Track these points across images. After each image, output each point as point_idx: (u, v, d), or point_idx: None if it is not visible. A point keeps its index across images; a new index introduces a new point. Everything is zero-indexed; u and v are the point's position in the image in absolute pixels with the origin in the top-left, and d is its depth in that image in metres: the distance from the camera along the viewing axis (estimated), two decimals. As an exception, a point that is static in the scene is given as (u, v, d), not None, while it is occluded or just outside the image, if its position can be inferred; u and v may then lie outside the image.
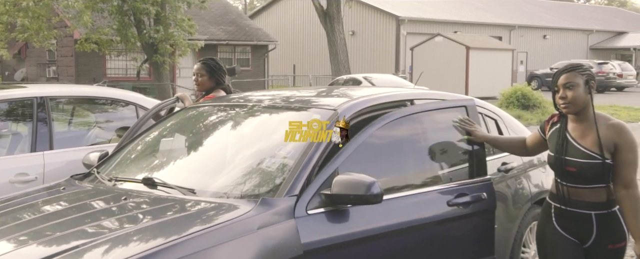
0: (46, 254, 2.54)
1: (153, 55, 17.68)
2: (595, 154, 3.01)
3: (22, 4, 15.76)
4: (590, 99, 3.06)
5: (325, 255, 2.88)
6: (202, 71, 5.00)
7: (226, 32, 27.80)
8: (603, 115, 3.09)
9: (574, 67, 3.09)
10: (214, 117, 4.01)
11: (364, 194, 2.81)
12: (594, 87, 3.08)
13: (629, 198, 3.01)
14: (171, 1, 17.47)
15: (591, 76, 3.09)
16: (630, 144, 3.02)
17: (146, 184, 3.22)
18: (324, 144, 3.10)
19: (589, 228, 3.11)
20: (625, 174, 3.01)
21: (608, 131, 3.02)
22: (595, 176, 3.04)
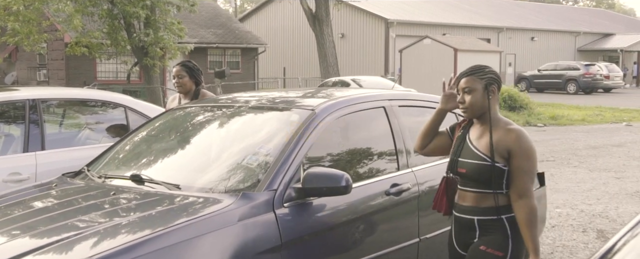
0: (37, 245, 2.71)
1: (143, 58, 17.82)
2: (486, 156, 2.87)
3: (13, 8, 15.90)
4: (488, 104, 2.93)
5: (302, 244, 3.10)
6: (182, 72, 5.14)
7: (216, 35, 27.96)
8: (505, 120, 2.98)
9: (474, 71, 2.98)
10: (200, 117, 4.20)
11: (336, 186, 3.02)
12: (496, 92, 2.96)
13: (523, 207, 2.84)
14: (161, 5, 17.62)
15: (493, 80, 2.96)
16: (526, 151, 2.87)
17: (134, 180, 3.40)
18: (301, 142, 3.30)
19: (473, 233, 2.96)
20: (519, 182, 2.85)
21: (504, 136, 2.87)
22: (484, 179, 2.88)
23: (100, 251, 2.58)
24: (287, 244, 3.01)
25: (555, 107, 22.53)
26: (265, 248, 2.93)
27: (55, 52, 24.04)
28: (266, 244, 2.94)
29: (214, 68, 25.41)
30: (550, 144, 13.73)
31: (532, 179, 2.88)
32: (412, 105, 4.22)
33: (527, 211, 2.83)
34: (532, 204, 2.85)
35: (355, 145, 3.83)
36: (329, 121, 3.54)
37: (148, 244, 2.64)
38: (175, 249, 2.66)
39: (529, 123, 18.30)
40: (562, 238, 6.30)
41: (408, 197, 3.73)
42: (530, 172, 2.87)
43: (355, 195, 3.34)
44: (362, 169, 3.74)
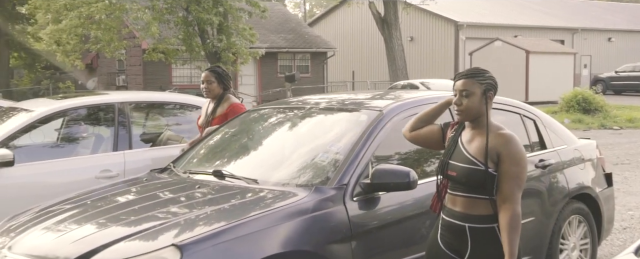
0: (129, 233, 3.05)
1: (216, 63, 18.42)
2: (477, 160, 2.81)
3: (95, 17, 16.74)
4: (485, 109, 2.87)
5: (370, 236, 3.32)
6: (211, 77, 5.19)
7: (286, 40, 28.49)
8: (496, 125, 2.91)
9: (474, 74, 2.91)
10: (274, 118, 4.49)
11: (402, 182, 3.22)
12: (492, 98, 2.91)
13: (507, 211, 2.77)
14: (233, 11, 18.19)
15: (491, 86, 2.90)
16: (515, 156, 2.80)
17: (216, 175, 3.72)
18: (369, 140, 3.53)
19: (464, 241, 2.88)
20: (506, 187, 2.78)
21: (495, 140, 2.81)
22: (476, 184, 2.82)
23: (186, 238, 2.89)
24: (356, 236, 3.24)
25: (633, 110, 21.85)
26: (336, 239, 3.18)
27: (133, 58, 25.08)
28: (337, 235, 3.18)
29: (284, 72, 25.92)
30: (625, 147, 13.44)
31: (519, 185, 2.81)
32: None
33: (509, 216, 2.76)
34: (516, 209, 2.78)
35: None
36: (396, 121, 3.75)
37: (230, 231, 2.93)
38: (254, 236, 2.94)
39: (604, 126, 17.88)
40: (633, 240, 6.27)
41: None
42: (518, 178, 2.80)
43: (421, 191, 3.53)
44: (428, 167, 3.92)
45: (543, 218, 4.37)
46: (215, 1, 17.69)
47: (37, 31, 20.25)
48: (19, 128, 5.27)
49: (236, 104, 5.13)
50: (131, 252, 2.86)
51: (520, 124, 4.55)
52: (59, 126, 5.91)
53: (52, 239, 3.16)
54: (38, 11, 18.74)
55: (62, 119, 5.83)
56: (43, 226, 3.35)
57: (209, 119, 5.13)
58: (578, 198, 4.72)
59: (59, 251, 3.01)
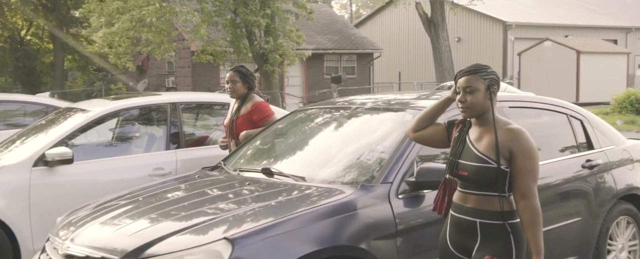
0: (182, 227, 3.19)
1: (263, 65, 18.64)
2: (489, 158, 2.77)
3: (146, 20, 17.12)
4: (490, 105, 2.83)
5: (415, 233, 3.39)
6: (235, 77, 5.19)
7: (332, 42, 28.60)
8: (504, 120, 2.88)
9: (476, 70, 2.86)
10: (321, 118, 4.59)
11: None
12: (496, 93, 2.86)
13: (527, 208, 2.74)
14: (280, 13, 18.38)
15: (494, 81, 2.86)
16: (527, 150, 2.77)
17: (264, 173, 3.84)
18: (414, 140, 3.59)
19: (474, 237, 2.84)
20: (522, 183, 2.75)
21: (504, 136, 2.77)
22: (488, 182, 2.78)
23: (237, 232, 3.01)
24: (401, 232, 3.31)
25: (688, 111, 21.22)
26: (381, 235, 3.25)
27: (182, 60, 25.54)
28: (382, 231, 3.26)
29: (330, 74, 26.04)
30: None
31: (534, 179, 2.78)
32: (524, 107, 4.38)
33: (530, 213, 2.74)
34: (535, 205, 2.75)
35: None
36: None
37: (278, 226, 3.04)
38: (301, 231, 3.04)
39: (658, 128, 17.43)
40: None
41: None
42: (532, 172, 2.76)
43: None
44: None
45: (589, 218, 4.36)
46: (262, 3, 17.91)
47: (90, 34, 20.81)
48: (76, 128, 5.50)
49: (260, 103, 5.16)
50: (184, 245, 2.99)
51: (567, 124, 4.55)
52: (114, 125, 6.14)
53: (110, 233, 3.33)
54: (91, 15, 19.26)
55: (116, 119, 6.05)
56: (101, 221, 3.51)
57: (233, 118, 5.16)
58: (627, 199, 4.68)
59: (117, 243, 3.16)
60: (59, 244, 3.39)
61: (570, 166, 4.38)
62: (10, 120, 8.73)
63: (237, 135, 5.07)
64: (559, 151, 4.48)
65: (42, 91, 28.91)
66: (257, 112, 5.09)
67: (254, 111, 5.10)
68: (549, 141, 4.46)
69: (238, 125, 5.09)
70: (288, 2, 18.87)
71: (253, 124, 5.07)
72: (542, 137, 4.44)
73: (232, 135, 5.13)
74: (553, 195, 4.22)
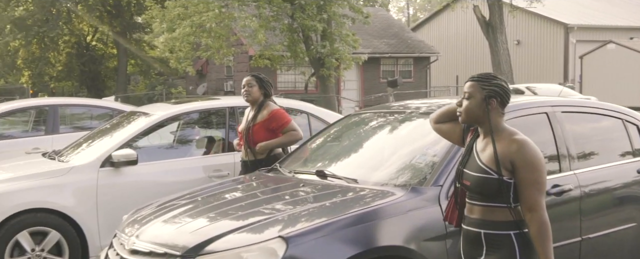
0: (239, 225, 3.35)
1: (320, 69, 18.82)
2: (490, 169, 2.74)
3: (206, 26, 17.55)
4: (487, 115, 2.80)
5: (464, 236, 3.44)
6: (252, 81, 5.20)
7: (389, 45, 28.60)
8: (510, 130, 2.82)
9: (480, 79, 2.87)
10: (375, 122, 4.69)
11: None
12: (495, 105, 2.81)
13: (534, 221, 2.69)
14: (337, 18, 18.54)
15: (496, 93, 2.81)
16: (530, 162, 2.71)
17: (318, 175, 3.98)
18: (465, 144, 3.65)
19: (480, 248, 2.79)
20: (527, 195, 2.70)
21: (507, 147, 2.74)
22: (490, 193, 2.75)
23: (291, 231, 3.15)
24: (451, 234, 3.38)
25: None
26: (431, 236, 3.34)
27: (241, 64, 26.01)
28: (432, 233, 3.34)
29: (387, 77, 26.04)
30: None
31: (540, 191, 2.71)
32: (577, 111, 4.38)
33: (537, 225, 2.67)
34: (542, 217, 2.68)
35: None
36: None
37: (331, 226, 3.17)
38: (353, 231, 3.16)
39: None
40: None
41: (569, 197, 3.92)
42: (538, 184, 2.70)
43: None
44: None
45: (646, 224, 4.31)
46: (319, 8, 18.11)
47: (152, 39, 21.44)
48: (140, 131, 5.77)
49: (277, 110, 5.16)
50: (241, 242, 3.15)
51: (622, 129, 4.52)
52: (175, 128, 6.39)
53: (172, 230, 3.52)
54: (153, 21, 19.85)
55: (177, 122, 6.30)
56: (163, 219, 3.71)
57: (249, 125, 5.13)
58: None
59: (178, 240, 3.35)
60: (125, 240, 3.60)
61: (625, 171, 4.35)
62: (77, 123, 9.14)
63: (253, 142, 5.07)
64: (613, 156, 4.46)
65: (106, 94, 29.92)
66: (275, 120, 5.09)
67: (272, 118, 5.09)
68: (604, 146, 4.45)
69: (255, 132, 5.08)
70: (344, 6, 19.00)
71: (271, 132, 5.09)
72: (597, 142, 4.45)
73: (247, 142, 5.12)
74: (608, 200, 4.21)
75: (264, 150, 5.04)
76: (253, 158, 5.07)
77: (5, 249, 5.06)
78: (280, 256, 3.03)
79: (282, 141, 5.12)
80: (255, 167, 4.92)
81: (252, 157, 5.08)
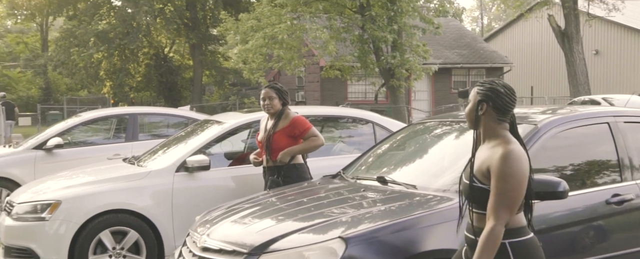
0: (301, 227, 3.56)
1: (390, 79, 18.93)
2: (476, 177, 2.77)
3: (278, 38, 17.98)
4: (480, 120, 2.83)
5: (520, 241, 3.52)
6: (272, 93, 5.26)
7: (460, 56, 28.40)
8: (504, 138, 2.78)
9: (480, 84, 2.88)
10: (437, 131, 4.81)
11: (554, 191, 3.40)
12: (486, 109, 2.80)
13: (486, 227, 2.66)
14: (407, 29, 18.62)
15: (487, 97, 2.80)
16: (502, 172, 2.66)
17: (379, 181, 4.14)
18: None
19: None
20: (490, 202, 2.68)
21: (491, 154, 2.74)
22: (481, 200, 2.75)
23: (351, 232, 3.33)
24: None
25: None
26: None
27: (312, 75, 26.40)
28: (487, 238, 3.43)
29: (458, 88, 25.85)
30: None
31: (505, 203, 2.65)
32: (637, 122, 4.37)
33: (486, 232, 2.65)
34: (495, 228, 2.64)
35: (576, 156, 4.13)
36: (551, 135, 3.92)
37: (389, 228, 3.33)
38: (410, 233, 3.31)
39: None
40: None
41: (630, 207, 3.93)
42: (503, 195, 2.65)
43: (574, 201, 3.67)
44: (582, 179, 4.03)
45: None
46: (390, 19, 18.24)
47: (226, 51, 22.11)
48: (213, 138, 6.08)
49: (298, 117, 5.26)
50: (304, 241, 3.35)
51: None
52: (246, 136, 6.67)
53: (240, 230, 3.77)
54: (228, 33, 20.49)
55: (248, 130, 6.57)
56: (232, 219, 3.96)
57: (270, 133, 5.22)
58: None
59: (246, 239, 3.58)
60: (197, 239, 3.86)
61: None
62: (155, 131, 9.61)
63: (275, 150, 5.16)
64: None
65: (182, 104, 30.90)
66: (297, 126, 5.19)
67: (294, 125, 5.20)
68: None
69: (275, 140, 5.17)
70: (415, 17, 19.06)
71: (292, 139, 5.19)
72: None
73: (268, 150, 5.21)
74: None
75: (286, 157, 5.12)
76: (273, 165, 5.19)
77: (90, 246, 5.45)
78: (339, 255, 3.20)
79: (304, 147, 5.23)
80: (276, 173, 5.10)
81: (271, 164, 5.20)
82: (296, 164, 5.21)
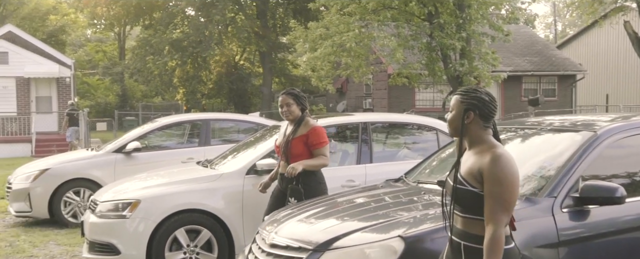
0: (363, 226, 3.75)
1: (458, 87, 18.83)
2: (466, 181, 2.82)
3: (346, 46, 18.21)
4: (465, 129, 2.88)
5: (577, 245, 3.63)
6: (289, 100, 5.25)
7: (531, 63, 27.93)
8: (491, 143, 2.85)
9: (461, 93, 2.95)
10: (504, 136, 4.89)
11: (611, 197, 3.47)
12: (473, 117, 2.86)
13: (487, 233, 2.70)
14: (476, 36, 18.49)
15: (473, 106, 2.87)
16: (496, 175, 2.71)
17: (439, 185, 4.25)
18: (581, 159, 3.83)
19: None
20: (486, 207, 2.72)
21: (482, 158, 2.79)
22: (468, 204, 2.82)
23: (410, 231, 3.50)
24: (564, 243, 3.57)
25: None
26: (543, 244, 3.54)
27: (379, 82, 26.54)
28: (544, 241, 3.55)
29: (528, 96, 25.45)
30: None
31: (503, 207, 2.70)
32: None
33: (489, 238, 2.68)
34: (496, 233, 2.68)
35: (636, 163, 4.16)
36: (610, 142, 3.99)
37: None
38: None
39: None
40: None
41: None
42: (500, 199, 2.70)
43: (633, 208, 3.72)
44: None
45: None
46: (458, 27, 18.18)
47: (295, 59, 22.50)
48: (281, 142, 6.34)
49: (319, 127, 5.28)
50: (365, 240, 3.55)
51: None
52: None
53: (306, 228, 4.00)
54: (297, 41, 20.87)
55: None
56: (298, 219, 4.20)
57: (289, 139, 5.23)
58: None
59: (311, 236, 3.80)
60: (266, 236, 4.11)
61: None
62: (226, 136, 10.00)
63: (294, 155, 5.17)
64: None
65: (252, 111, 31.61)
66: (314, 136, 5.18)
67: (311, 134, 5.19)
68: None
69: (294, 146, 5.18)
70: (484, 24, 18.93)
71: (306, 146, 5.20)
72: None
73: (285, 155, 5.24)
74: None
75: (295, 171, 5.10)
76: None
77: (166, 243, 5.81)
78: (399, 253, 3.39)
79: (312, 163, 5.17)
80: (294, 180, 5.11)
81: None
82: (315, 170, 5.24)
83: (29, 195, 8.75)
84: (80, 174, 8.85)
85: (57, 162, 9.24)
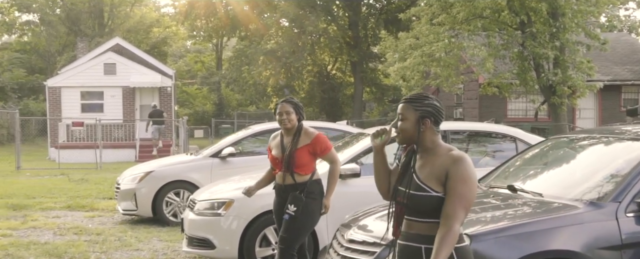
0: None
1: (551, 97, 18.52)
2: (428, 186, 2.83)
3: (436, 55, 18.34)
4: (421, 135, 2.91)
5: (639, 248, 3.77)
6: (289, 108, 5.15)
7: (632, 72, 26.93)
8: (447, 147, 2.90)
9: (412, 100, 2.96)
10: (574, 145, 5.08)
11: None
12: (429, 124, 2.91)
13: (444, 227, 2.74)
14: (570, 45, 18.08)
15: (428, 113, 2.91)
16: (462, 174, 2.76)
17: (509, 189, 4.53)
18: (648, 166, 3.99)
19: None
20: (449, 205, 2.77)
21: (444, 160, 2.83)
22: (427, 209, 2.84)
23: (475, 230, 3.78)
24: (627, 246, 3.75)
25: None
26: (606, 246, 3.75)
27: (470, 92, 26.37)
28: (607, 243, 3.75)
29: (627, 106, 24.56)
30: None
31: (464, 205, 2.77)
32: None
33: (445, 232, 2.74)
34: (453, 227, 2.74)
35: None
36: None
37: (511, 229, 3.76)
38: (531, 234, 3.69)
39: None
40: None
41: None
42: (463, 197, 2.77)
43: None
44: None
45: None
46: (552, 36, 17.87)
47: (386, 68, 22.80)
48: (364, 149, 6.70)
49: (321, 134, 5.22)
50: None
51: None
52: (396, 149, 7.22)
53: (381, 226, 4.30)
54: (387, 51, 21.18)
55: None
56: (374, 217, 4.56)
57: (291, 149, 5.11)
58: None
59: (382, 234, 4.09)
60: (345, 232, 4.48)
61: None
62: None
63: (298, 166, 5.10)
64: None
65: (342, 119, 32.13)
66: (319, 143, 5.15)
67: (316, 142, 5.14)
68: None
69: (298, 156, 5.10)
70: (579, 33, 18.51)
71: (314, 156, 5.17)
72: None
73: (287, 166, 5.11)
74: None
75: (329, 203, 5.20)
76: (293, 182, 5.13)
77: (256, 240, 6.29)
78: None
79: (333, 186, 5.25)
80: (297, 189, 5.10)
81: (291, 181, 5.13)
82: (318, 179, 5.26)
83: (135, 195, 9.52)
84: (180, 177, 9.54)
85: (159, 166, 10.01)
